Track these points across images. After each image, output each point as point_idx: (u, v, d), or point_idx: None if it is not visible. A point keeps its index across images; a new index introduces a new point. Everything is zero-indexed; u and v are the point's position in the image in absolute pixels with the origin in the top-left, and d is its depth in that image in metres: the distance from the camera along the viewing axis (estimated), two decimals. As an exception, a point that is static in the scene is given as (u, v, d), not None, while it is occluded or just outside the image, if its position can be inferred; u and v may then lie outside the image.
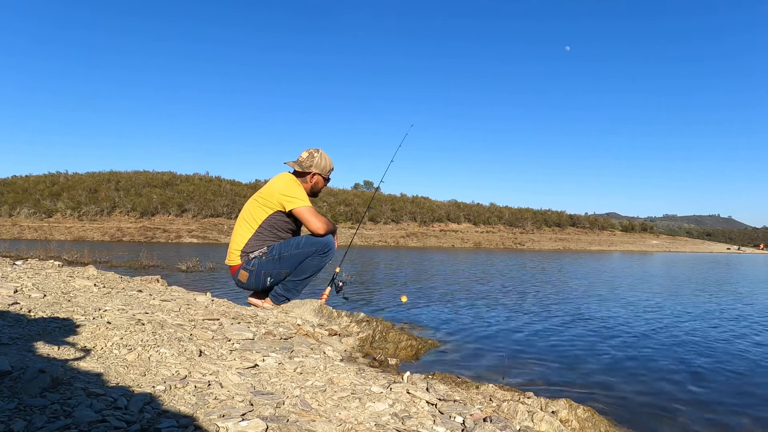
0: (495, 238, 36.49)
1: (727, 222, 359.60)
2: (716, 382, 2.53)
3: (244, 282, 3.03)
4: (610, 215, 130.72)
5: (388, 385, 1.67)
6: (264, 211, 3.02)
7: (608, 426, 1.80)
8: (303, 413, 1.28)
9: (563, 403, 1.80)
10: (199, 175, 40.23)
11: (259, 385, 1.46)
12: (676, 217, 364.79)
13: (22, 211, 30.84)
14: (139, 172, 39.29)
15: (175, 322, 2.03)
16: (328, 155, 3.16)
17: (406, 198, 43.20)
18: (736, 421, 2.02)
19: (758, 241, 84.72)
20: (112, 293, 2.53)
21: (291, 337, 2.24)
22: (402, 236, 33.68)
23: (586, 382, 2.45)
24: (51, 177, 37.27)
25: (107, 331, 1.66)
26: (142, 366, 1.44)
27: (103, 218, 31.63)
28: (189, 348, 1.68)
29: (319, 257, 3.00)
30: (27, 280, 2.57)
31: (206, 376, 1.45)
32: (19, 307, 1.88)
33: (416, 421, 1.38)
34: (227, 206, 33.47)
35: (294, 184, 3.04)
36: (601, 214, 76.16)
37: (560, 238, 39.01)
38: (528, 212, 44.14)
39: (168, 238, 27.36)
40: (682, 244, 46.47)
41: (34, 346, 1.45)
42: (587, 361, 2.85)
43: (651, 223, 69.12)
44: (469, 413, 1.52)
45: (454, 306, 4.78)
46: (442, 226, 39.29)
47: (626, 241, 41.83)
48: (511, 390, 1.96)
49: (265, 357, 1.77)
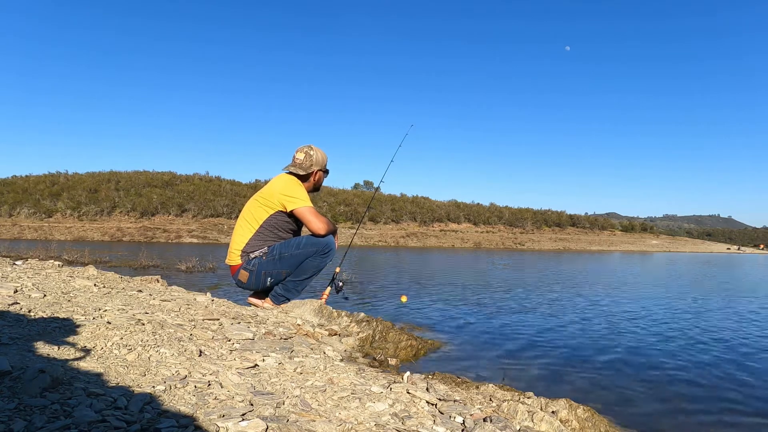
0: (495, 238, 36.48)
1: (727, 222, 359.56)
2: (717, 382, 2.53)
3: (245, 282, 3.04)
4: (610, 215, 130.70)
5: (388, 385, 1.67)
6: (265, 211, 3.02)
7: (608, 426, 1.80)
8: (303, 413, 1.28)
9: (563, 403, 1.80)
10: (199, 175, 40.22)
11: (259, 385, 1.46)
12: (676, 217, 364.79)
13: (22, 211, 30.82)
14: (139, 172, 39.28)
15: (175, 322, 2.03)
16: (320, 148, 3.19)
17: (406, 198, 43.18)
18: (736, 420, 2.02)
19: (758, 241, 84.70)
20: (112, 293, 2.53)
21: (291, 337, 2.24)
22: (402, 236, 33.67)
23: (586, 382, 2.45)
24: (51, 177, 37.25)
25: (107, 331, 1.66)
26: (142, 366, 1.44)
27: (103, 218, 31.62)
28: (189, 348, 1.68)
29: (319, 258, 3.00)
30: (27, 280, 2.57)
31: (206, 376, 1.45)
32: (19, 307, 1.88)
33: (416, 421, 1.38)
34: (227, 206, 33.45)
35: (295, 184, 3.04)
36: (601, 214, 76.15)
37: (560, 238, 39.00)
38: (528, 212, 44.11)
39: (168, 238, 27.35)
40: (682, 244, 46.45)
41: (34, 346, 1.45)
42: (587, 362, 2.85)
43: (651, 223, 69.10)
44: (469, 413, 1.52)
45: (454, 306, 4.78)
46: (442, 226, 39.27)
47: (626, 241, 41.81)
48: (511, 390, 1.96)
49: (265, 357, 1.77)
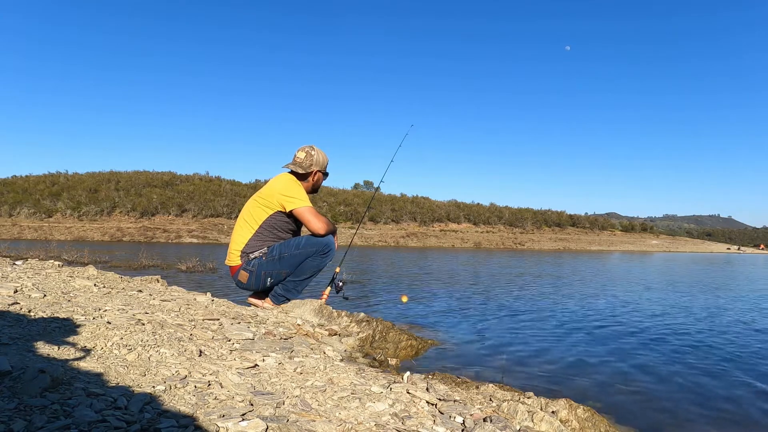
0: (495, 238, 36.47)
1: (727, 222, 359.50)
2: (717, 382, 2.53)
3: (244, 282, 3.04)
4: (610, 215, 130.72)
5: (388, 385, 1.67)
6: (264, 212, 3.02)
7: (608, 426, 1.80)
8: (303, 413, 1.28)
9: (563, 403, 1.80)
10: (199, 175, 40.22)
11: (259, 385, 1.46)
12: (676, 217, 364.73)
13: (22, 211, 30.82)
14: (139, 172, 39.28)
15: (175, 322, 2.03)
16: (321, 149, 3.19)
17: (406, 198, 43.17)
18: (736, 421, 2.02)
19: (758, 241, 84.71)
20: (112, 293, 2.53)
21: (291, 337, 2.24)
22: (402, 236, 33.66)
23: (587, 382, 2.45)
24: (51, 177, 37.25)
25: (107, 331, 1.66)
26: (142, 366, 1.44)
27: (103, 218, 31.62)
28: (189, 348, 1.68)
29: (319, 258, 3.00)
30: (27, 280, 2.57)
31: (206, 376, 1.45)
32: (19, 307, 1.88)
33: (416, 421, 1.38)
34: (227, 206, 33.45)
35: (294, 184, 3.04)
36: (601, 214, 76.14)
37: (560, 238, 38.99)
38: (528, 212, 44.10)
39: (168, 238, 27.34)
40: (682, 244, 46.44)
41: (34, 346, 1.45)
42: (587, 362, 2.85)
43: (651, 223, 69.12)
44: (469, 413, 1.52)
45: (454, 306, 4.78)
46: (442, 226, 39.27)
47: (626, 241, 41.80)
48: (511, 390, 1.96)
49: (265, 357, 1.77)
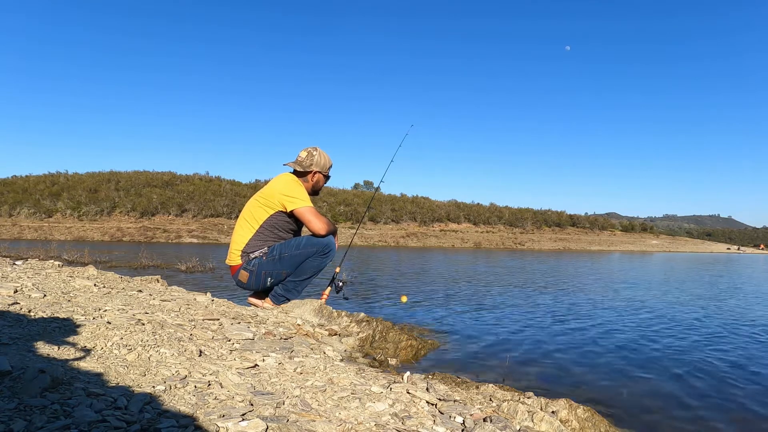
0: (495, 238, 36.48)
1: (727, 222, 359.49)
2: (718, 382, 2.53)
3: (245, 282, 3.03)
4: (610, 215, 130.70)
5: (388, 385, 1.67)
6: (265, 211, 3.02)
7: (608, 426, 1.80)
8: (303, 413, 1.28)
9: (563, 403, 1.80)
10: (199, 175, 40.26)
11: (259, 385, 1.46)
12: (676, 217, 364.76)
13: (22, 211, 30.83)
14: (139, 172, 39.31)
15: (175, 322, 2.03)
16: (326, 152, 3.18)
17: (406, 198, 43.20)
18: (737, 421, 2.02)
19: (758, 241, 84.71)
20: (112, 293, 2.53)
21: (291, 337, 2.23)
22: (402, 236, 33.67)
23: (587, 382, 2.45)
24: (51, 177, 37.28)
25: (107, 331, 1.66)
26: (142, 366, 1.44)
27: (103, 218, 31.63)
28: (189, 348, 1.68)
29: (319, 258, 3.00)
30: (27, 280, 2.57)
31: (206, 376, 1.45)
32: (19, 307, 1.88)
33: (416, 421, 1.38)
34: (227, 206, 33.47)
35: (295, 184, 3.04)
36: (601, 214, 76.13)
37: (560, 238, 39.00)
38: (528, 212, 44.12)
39: (168, 238, 27.35)
40: (682, 244, 46.45)
41: (34, 346, 1.45)
42: (587, 362, 2.84)
43: (651, 223, 69.12)
44: (469, 413, 1.52)
45: (454, 306, 4.78)
46: (442, 226, 39.28)
47: (626, 241, 41.82)
48: (511, 390, 1.96)
49: (265, 357, 1.77)
